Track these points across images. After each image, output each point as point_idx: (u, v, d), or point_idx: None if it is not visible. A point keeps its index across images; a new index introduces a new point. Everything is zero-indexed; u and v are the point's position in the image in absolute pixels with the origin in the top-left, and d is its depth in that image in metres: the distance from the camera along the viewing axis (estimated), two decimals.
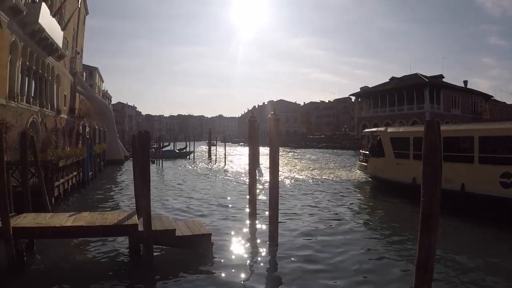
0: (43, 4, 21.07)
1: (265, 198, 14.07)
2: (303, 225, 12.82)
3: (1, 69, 17.30)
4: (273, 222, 9.91)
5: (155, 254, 9.03)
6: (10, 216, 8.73)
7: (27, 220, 9.44)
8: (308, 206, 16.42)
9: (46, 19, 21.81)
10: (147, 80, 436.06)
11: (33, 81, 23.20)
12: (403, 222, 13.65)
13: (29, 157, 11.77)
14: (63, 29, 26.78)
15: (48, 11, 22.41)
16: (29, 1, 20.24)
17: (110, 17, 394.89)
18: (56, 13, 24.69)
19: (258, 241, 10.96)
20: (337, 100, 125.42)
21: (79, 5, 34.32)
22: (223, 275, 8.45)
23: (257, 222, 12.13)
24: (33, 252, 9.76)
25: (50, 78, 26.40)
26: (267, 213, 10.79)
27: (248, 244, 10.78)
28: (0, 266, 8.67)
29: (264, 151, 38.81)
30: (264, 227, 11.61)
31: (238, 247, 10.41)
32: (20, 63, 19.92)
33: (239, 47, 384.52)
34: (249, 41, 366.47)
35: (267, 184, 12.02)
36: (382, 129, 21.76)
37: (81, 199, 19.16)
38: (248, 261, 9.47)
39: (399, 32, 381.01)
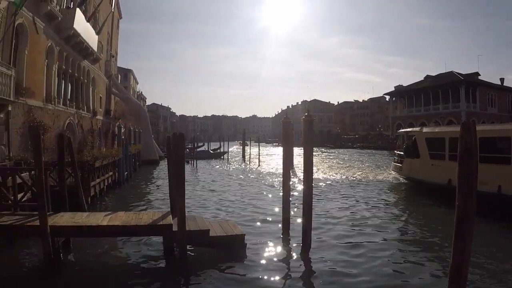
0: (78, 10, 21.69)
1: (299, 199, 13.93)
2: (337, 227, 12.60)
3: (38, 73, 17.94)
4: (307, 223, 9.74)
5: (188, 254, 9.09)
6: (47, 215, 8.95)
7: (64, 219, 9.69)
8: (342, 207, 16.12)
9: (81, 24, 22.45)
10: (181, 81, 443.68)
11: (69, 84, 23.97)
12: (438, 225, 13.14)
13: (66, 157, 12.09)
14: (97, 33, 27.49)
15: (83, 16, 23.07)
16: (64, 7, 20.85)
17: (143, 21, 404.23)
18: (90, 18, 25.40)
19: (291, 242, 10.80)
20: (371, 100, 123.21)
21: (113, 10, 35.14)
22: (255, 276, 8.39)
23: (290, 223, 11.96)
24: (69, 250, 10.01)
25: (85, 81, 27.21)
26: (300, 214, 10.65)
27: (281, 245, 10.64)
28: (38, 263, 9.02)
29: (298, 151, 38.63)
30: (297, 228, 11.41)
31: (271, 249, 10.28)
32: (57, 67, 20.61)
33: (272, 48, 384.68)
34: (282, 42, 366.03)
35: (301, 185, 11.88)
36: (417, 129, 21.26)
37: (117, 198, 19.57)
38: (281, 263, 9.34)
39: (434, 29, 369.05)
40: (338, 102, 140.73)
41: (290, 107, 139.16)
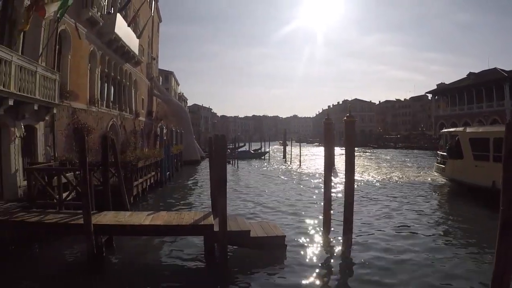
0: (118, 15, 22.24)
1: (340, 200, 13.68)
2: (378, 229, 12.31)
3: (81, 77, 18.55)
4: (348, 225, 9.54)
5: (229, 254, 9.07)
6: (91, 214, 9.20)
7: (108, 217, 9.94)
8: (383, 209, 15.74)
9: (122, 29, 23.00)
10: (221, 82, 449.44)
11: (112, 87, 24.65)
12: (481, 229, 12.45)
13: (110, 158, 12.40)
14: (138, 37, 28.11)
15: (124, 21, 23.63)
16: (105, 13, 21.46)
17: (183, 24, 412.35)
18: (131, 23, 26.00)
19: (332, 244, 10.63)
20: (413, 98, 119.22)
21: (152, 14, 35.88)
22: (295, 278, 8.32)
23: (331, 225, 11.77)
24: (112, 248, 10.28)
25: (128, 83, 27.92)
26: (341, 216, 10.42)
27: (322, 247, 10.51)
28: (81, 260, 9.28)
29: (339, 151, 37.98)
30: (338, 230, 11.26)
31: (311, 250, 10.17)
32: (99, 71, 21.24)
33: (311, 47, 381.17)
34: (320, 41, 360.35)
35: (342, 186, 11.65)
36: (460, 129, 20.72)
37: (159, 198, 19.93)
38: (321, 265, 9.23)
39: (476, 24, 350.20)
40: (379, 101, 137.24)
41: (331, 106, 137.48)
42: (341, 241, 9.91)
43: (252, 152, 57.74)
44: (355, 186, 11.59)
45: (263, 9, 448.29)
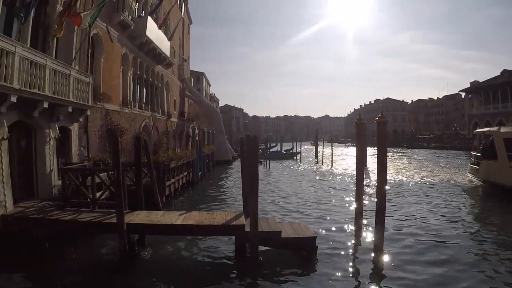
0: (149, 18, 22.63)
1: (372, 201, 13.39)
2: (409, 232, 12.01)
3: (114, 79, 18.99)
4: (379, 227, 9.31)
5: (259, 254, 9.07)
6: (124, 213, 9.41)
7: (140, 217, 10.13)
8: (415, 211, 15.31)
9: (153, 31, 23.39)
10: (252, 83, 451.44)
11: (144, 89, 25.14)
12: None
13: (143, 158, 12.61)
14: (169, 39, 28.52)
15: (154, 24, 24.03)
16: (136, 16, 21.87)
17: (213, 25, 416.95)
18: (161, 25, 26.40)
19: (363, 246, 10.47)
20: (446, 97, 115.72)
21: (183, 16, 36.38)
22: (326, 279, 8.27)
23: (363, 226, 11.60)
24: (144, 247, 10.45)
25: (160, 85, 28.40)
26: (373, 217, 10.20)
27: (353, 249, 10.38)
28: (113, 258, 9.48)
29: (371, 151, 37.24)
30: (369, 232, 11.13)
31: (342, 252, 10.05)
32: (132, 73, 21.69)
33: (341, 46, 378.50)
34: (351, 40, 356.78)
35: (374, 187, 11.41)
36: (494, 129, 20.08)
37: (191, 198, 20.11)
38: (352, 267, 9.13)
39: (510, 19, 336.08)
40: (411, 100, 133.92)
41: (363, 106, 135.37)
42: (373, 243, 9.67)
43: (284, 152, 57.48)
44: (387, 187, 11.29)
45: (291, 10, 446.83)
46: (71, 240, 10.73)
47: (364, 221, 11.89)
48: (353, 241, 10.97)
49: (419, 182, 24.88)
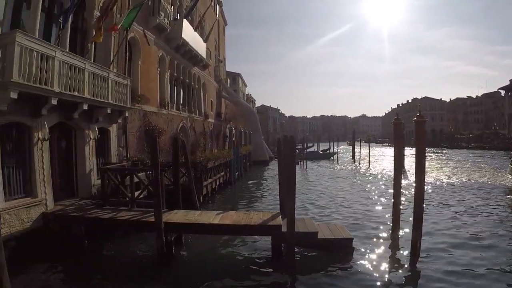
0: (185, 21, 22.95)
1: (410, 202, 12.97)
2: (447, 235, 11.56)
3: (152, 81, 19.38)
4: (417, 230, 9.02)
5: (295, 254, 9.02)
6: (162, 212, 9.56)
7: (178, 216, 10.26)
8: (453, 213, 14.74)
9: (189, 34, 23.71)
10: (288, 82, 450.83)
11: (181, 90, 25.52)
12: None
13: (180, 158, 12.79)
14: (205, 41, 28.85)
15: (190, 26, 24.36)
16: (172, 19, 22.24)
17: (248, 26, 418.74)
18: (197, 27, 26.75)
19: (400, 249, 10.22)
20: (485, 95, 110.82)
21: (218, 18, 36.72)
22: (362, 281, 8.13)
23: (400, 229, 11.35)
24: (181, 245, 10.59)
25: (196, 86, 28.76)
26: (411, 219, 9.89)
27: (389, 251, 10.17)
28: (151, 255, 9.65)
29: (409, 151, 36.12)
30: (407, 234, 10.80)
31: (378, 254, 9.85)
32: (169, 75, 22.06)
33: (376, 44, 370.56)
34: (386, 37, 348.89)
35: (412, 189, 11.02)
36: None
37: (227, 198, 20.22)
38: (388, 270, 8.90)
39: None
40: (450, 99, 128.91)
41: (400, 105, 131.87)
42: (409, 245, 9.36)
43: (321, 152, 57.01)
44: (425, 188, 10.87)
45: (325, 8, 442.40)
46: (109, 238, 11.05)
47: (401, 223, 11.60)
48: (389, 243, 10.75)
49: (458, 183, 23.93)
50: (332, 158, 52.28)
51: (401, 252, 9.96)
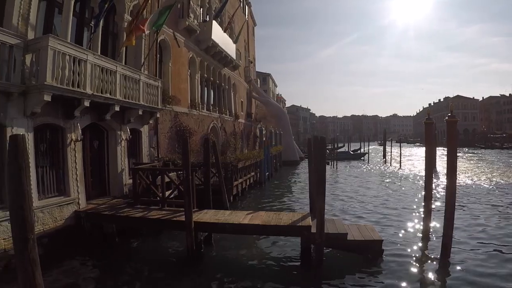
0: (214, 22, 23.15)
1: (441, 204, 12.57)
2: (478, 238, 11.08)
3: (182, 82, 19.65)
4: (448, 232, 8.74)
5: (324, 255, 8.90)
6: (192, 212, 9.62)
7: (208, 215, 10.33)
8: (486, 216, 14.11)
9: (218, 35, 23.92)
10: (317, 82, 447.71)
11: (212, 91, 25.82)
12: None
13: (211, 159, 12.89)
14: (234, 42, 29.01)
15: (219, 28, 24.55)
16: (201, 21, 22.49)
17: (277, 26, 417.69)
18: (226, 28, 26.94)
19: (430, 252, 9.91)
20: None
21: (247, 19, 36.85)
22: (391, 284, 7.91)
23: (430, 231, 11.01)
24: (210, 245, 10.64)
25: (227, 87, 28.99)
26: (441, 221, 9.57)
27: (419, 254, 9.86)
28: (180, 254, 9.76)
29: (441, 151, 34.98)
30: (437, 236, 10.48)
31: (408, 257, 9.57)
32: (199, 76, 22.33)
33: (407, 43, 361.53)
34: (417, 35, 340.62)
35: (443, 190, 10.64)
36: None
37: (257, 198, 20.14)
38: (418, 273, 8.66)
39: None
40: (482, 97, 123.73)
41: (432, 104, 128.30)
42: (440, 249, 9.05)
43: (351, 152, 56.24)
44: (457, 190, 10.47)
45: (354, 6, 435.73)
46: (140, 236, 11.27)
47: (432, 225, 11.27)
48: (420, 245, 10.44)
49: (491, 185, 22.84)
50: (362, 158, 51.49)
51: (432, 253, 9.66)
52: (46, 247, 8.86)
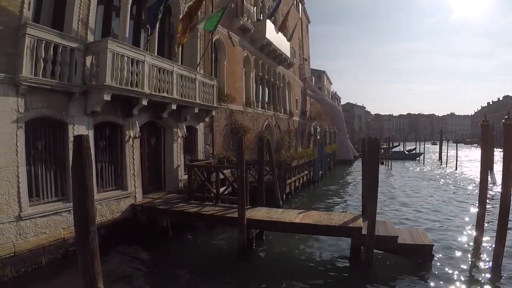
0: (268, 21, 23.21)
1: (496, 210, 11.77)
2: None
3: (238, 81, 19.91)
4: (500, 239, 8.19)
5: (374, 258, 8.79)
6: (245, 209, 9.79)
7: (261, 213, 10.45)
8: None
9: (272, 33, 23.95)
10: (374, 79, 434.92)
11: (266, 89, 25.93)
12: None
13: (265, 157, 12.97)
14: (289, 40, 28.85)
15: (273, 26, 24.55)
16: (255, 20, 22.63)
17: (331, 22, 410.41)
18: (282, 28, 26.84)
19: (481, 259, 9.40)
20: None
21: (300, 16, 36.52)
22: None
23: (483, 238, 10.38)
24: (262, 242, 10.73)
25: (281, 85, 29.00)
26: (495, 227, 9.01)
27: (470, 261, 9.40)
28: (232, 250, 9.90)
29: (499, 154, 32.65)
30: (490, 243, 9.86)
31: (458, 263, 9.13)
32: (254, 74, 22.52)
33: (466, 38, 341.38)
34: (476, 31, 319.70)
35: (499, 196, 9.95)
36: None
37: (310, 196, 19.95)
38: (467, 281, 8.21)
39: None
40: None
41: (491, 103, 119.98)
42: (492, 256, 8.50)
43: (406, 152, 54.11)
44: None
45: (411, 1, 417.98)
46: (193, 231, 11.57)
47: (485, 232, 10.62)
48: (471, 252, 9.94)
49: None
50: (418, 158, 49.09)
51: (483, 261, 9.19)
52: (103, 237, 9.29)
